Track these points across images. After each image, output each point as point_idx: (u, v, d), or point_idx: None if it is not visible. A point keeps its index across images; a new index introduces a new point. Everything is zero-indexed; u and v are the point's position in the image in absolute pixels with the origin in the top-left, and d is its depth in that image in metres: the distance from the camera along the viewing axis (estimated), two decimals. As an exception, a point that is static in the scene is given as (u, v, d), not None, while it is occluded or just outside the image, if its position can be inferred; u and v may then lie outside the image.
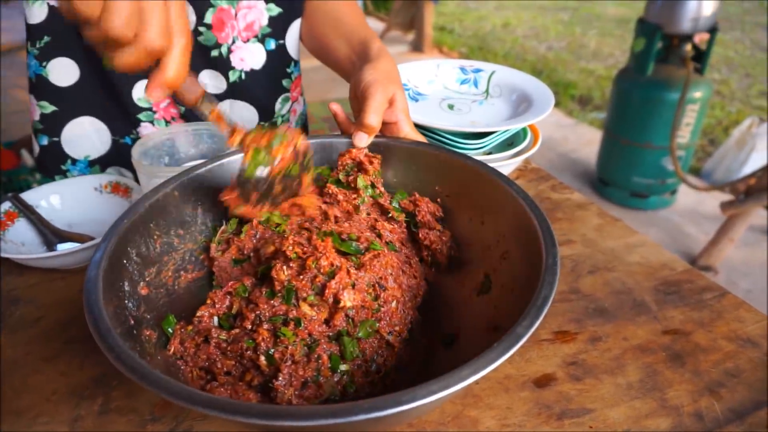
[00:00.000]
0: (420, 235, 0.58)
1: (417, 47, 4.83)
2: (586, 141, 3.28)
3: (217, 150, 0.81)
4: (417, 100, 0.89)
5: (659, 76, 2.27)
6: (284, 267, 0.47)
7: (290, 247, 0.48)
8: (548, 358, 0.56)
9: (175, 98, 0.53)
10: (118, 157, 0.89)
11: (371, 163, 0.60)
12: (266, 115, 0.92)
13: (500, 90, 0.91)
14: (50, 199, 0.77)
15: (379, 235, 0.55)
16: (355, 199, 0.59)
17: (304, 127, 1.05)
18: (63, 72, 0.81)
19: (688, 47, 2.18)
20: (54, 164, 0.88)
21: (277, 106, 0.93)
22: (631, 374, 0.55)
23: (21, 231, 0.73)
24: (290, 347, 0.44)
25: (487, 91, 0.93)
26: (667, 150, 2.28)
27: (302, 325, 0.45)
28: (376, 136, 0.62)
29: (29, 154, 2.37)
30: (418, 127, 0.78)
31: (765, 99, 3.71)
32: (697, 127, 2.31)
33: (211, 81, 0.86)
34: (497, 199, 0.54)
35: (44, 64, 0.81)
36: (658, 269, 0.69)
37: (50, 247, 0.72)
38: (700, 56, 2.21)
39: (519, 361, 0.56)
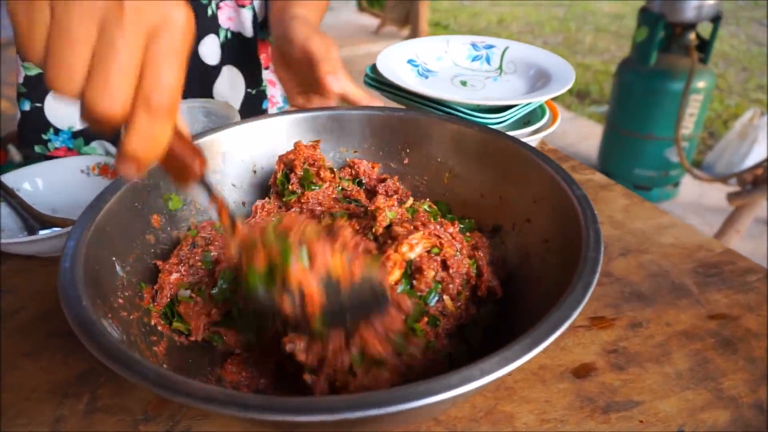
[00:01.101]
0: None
1: (412, 43, 4.77)
2: (585, 134, 3.24)
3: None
4: (427, 77, 0.84)
5: (662, 65, 2.23)
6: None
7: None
8: (586, 346, 0.51)
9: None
10: None
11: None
12: (250, 82, 0.88)
13: (515, 66, 0.86)
14: (33, 182, 0.70)
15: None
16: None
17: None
18: None
19: (692, 36, 2.14)
20: (34, 133, 0.82)
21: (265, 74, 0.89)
22: (679, 362, 0.49)
23: (2, 216, 0.66)
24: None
25: (500, 67, 0.87)
26: (671, 141, 2.24)
27: None
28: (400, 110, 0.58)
29: (17, 150, 2.29)
30: (432, 100, 0.72)
31: (763, 92, 3.69)
32: (701, 117, 2.28)
33: (210, 49, 0.80)
34: (526, 171, 0.49)
35: None
36: (695, 251, 0.63)
37: (32, 233, 0.66)
38: (703, 45, 2.17)
39: (554, 350, 0.51)
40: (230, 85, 0.85)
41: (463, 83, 0.83)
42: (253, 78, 0.88)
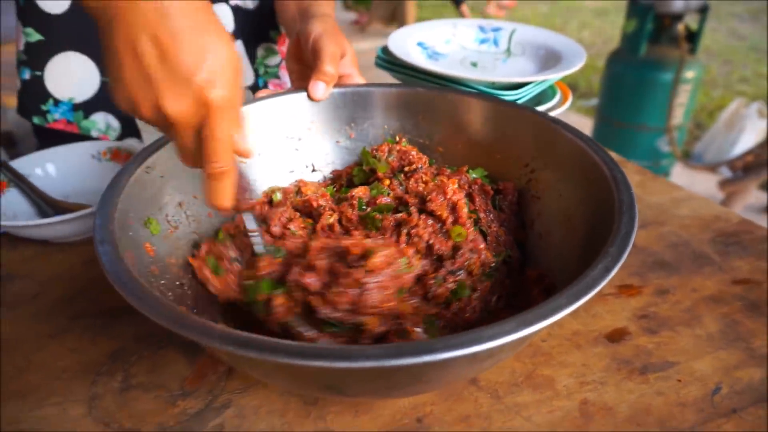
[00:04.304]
0: None
1: (400, 40, 4.78)
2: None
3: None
4: (437, 59, 0.84)
5: (651, 56, 2.25)
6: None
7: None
8: (616, 313, 0.51)
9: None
10: (107, 101, 0.80)
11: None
12: (251, 60, 0.86)
13: (523, 48, 0.86)
14: (44, 167, 0.69)
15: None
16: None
17: None
18: None
19: (681, 27, 2.17)
20: (34, 103, 0.79)
21: (259, 52, 0.87)
22: (710, 325, 0.50)
23: (12, 202, 0.65)
24: None
25: (508, 49, 0.88)
26: (661, 131, 2.27)
27: None
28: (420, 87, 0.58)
29: (4, 150, 2.25)
30: (447, 79, 0.72)
31: (746, 84, 3.77)
32: (690, 107, 2.31)
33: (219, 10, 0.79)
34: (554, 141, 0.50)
35: None
36: (712, 221, 0.64)
37: (45, 218, 0.64)
38: (692, 36, 2.21)
39: (585, 317, 0.51)
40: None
41: (474, 64, 0.83)
42: (252, 58, 0.87)
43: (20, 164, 0.68)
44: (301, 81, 0.69)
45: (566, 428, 0.41)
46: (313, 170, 0.62)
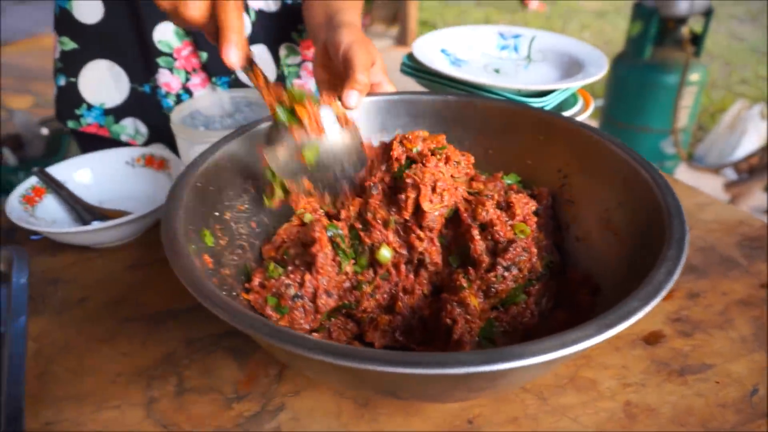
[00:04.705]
0: None
1: (401, 42, 4.79)
2: (577, 129, 3.29)
3: (255, 119, 0.76)
4: (460, 66, 0.85)
5: (656, 59, 2.28)
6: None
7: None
8: (651, 316, 0.53)
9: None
10: (136, 107, 0.83)
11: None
12: (276, 62, 0.88)
13: (543, 55, 0.88)
14: (79, 173, 0.70)
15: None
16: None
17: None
18: (87, 8, 0.77)
19: (686, 30, 2.19)
20: (68, 108, 0.83)
21: (282, 51, 0.88)
22: (742, 328, 0.52)
23: (50, 208, 0.66)
24: None
25: (529, 56, 0.89)
26: (666, 133, 2.29)
27: None
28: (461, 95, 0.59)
29: (12, 153, 2.25)
30: (473, 86, 0.74)
31: (746, 86, 3.80)
32: (694, 110, 2.33)
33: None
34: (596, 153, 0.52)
35: None
36: (736, 226, 0.66)
37: (84, 224, 0.65)
38: (696, 39, 2.23)
39: (621, 321, 0.52)
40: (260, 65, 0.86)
41: (497, 71, 0.85)
42: (277, 59, 0.88)
43: (56, 171, 0.69)
44: (330, 90, 0.71)
45: (613, 428, 0.42)
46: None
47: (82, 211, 0.66)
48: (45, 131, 2.26)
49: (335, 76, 0.69)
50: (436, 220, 0.46)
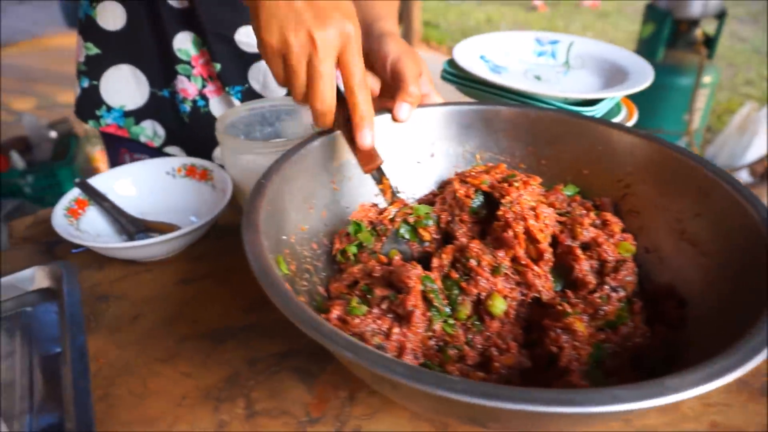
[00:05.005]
0: None
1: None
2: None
3: (294, 127, 0.75)
4: (499, 72, 0.84)
5: (669, 61, 2.27)
6: None
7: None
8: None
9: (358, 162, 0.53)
10: (155, 110, 0.85)
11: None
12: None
13: (582, 61, 0.87)
14: (120, 184, 0.69)
15: None
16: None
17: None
18: (110, 16, 0.79)
19: (699, 32, 2.19)
20: (89, 109, 0.84)
21: None
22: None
23: (93, 220, 0.64)
24: None
25: (567, 62, 0.88)
26: (679, 135, 2.29)
27: None
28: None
29: (20, 156, 2.23)
30: (518, 94, 0.73)
31: (751, 87, 3.81)
32: (706, 111, 2.33)
33: (246, 38, 0.80)
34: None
35: (94, 5, 0.79)
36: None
37: (129, 237, 0.64)
38: (709, 41, 2.23)
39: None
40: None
41: (537, 78, 0.84)
42: None
43: (96, 182, 0.67)
44: (377, 103, 0.69)
45: (702, 452, 0.41)
46: (397, 192, 0.62)
47: (126, 223, 0.64)
48: (53, 134, 2.24)
49: (379, 88, 0.68)
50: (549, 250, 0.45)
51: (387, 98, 0.68)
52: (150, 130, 0.86)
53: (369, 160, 0.52)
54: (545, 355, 0.42)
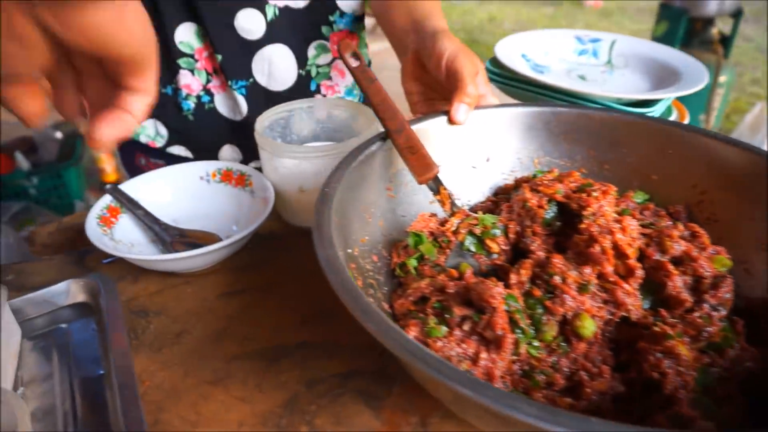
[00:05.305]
0: None
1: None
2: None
3: (333, 130, 0.71)
4: (542, 72, 0.81)
5: (683, 60, 2.25)
6: None
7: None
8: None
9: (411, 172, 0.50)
10: (156, 108, 0.80)
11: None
12: (300, 62, 0.83)
13: (625, 60, 0.84)
14: (151, 190, 0.65)
15: None
16: None
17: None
18: None
19: (715, 31, 2.17)
20: None
21: (310, 51, 0.83)
22: None
23: (126, 228, 0.61)
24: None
25: (609, 61, 0.85)
26: (693, 135, 2.27)
27: None
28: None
29: (24, 157, 2.18)
30: (570, 95, 0.69)
31: (758, 86, 3.79)
32: (721, 111, 2.31)
33: (246, 24, 0.76)
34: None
35: None
36: None
37: (164, 246, 0.60)
38: (724, 40, 2.20)
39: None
40: (280, 64, 0.81)
41: (582, 77, 0.80)
42: (303, 58, 0.83)
43: (127, 188, 0.63)
44: (424, 103, 0.66)
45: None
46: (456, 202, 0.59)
47: (160, 231, 0.61)
48: (58, 135, 2.19)
49: (429, 87, 0.65)
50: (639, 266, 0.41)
51: (437, 99, 0.65)
52: (151, 130, 0.83)
53: (424, 170, 0.49)
54: (640, 380, 0.39)
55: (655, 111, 0.68)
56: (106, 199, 0.61)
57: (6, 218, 1.92)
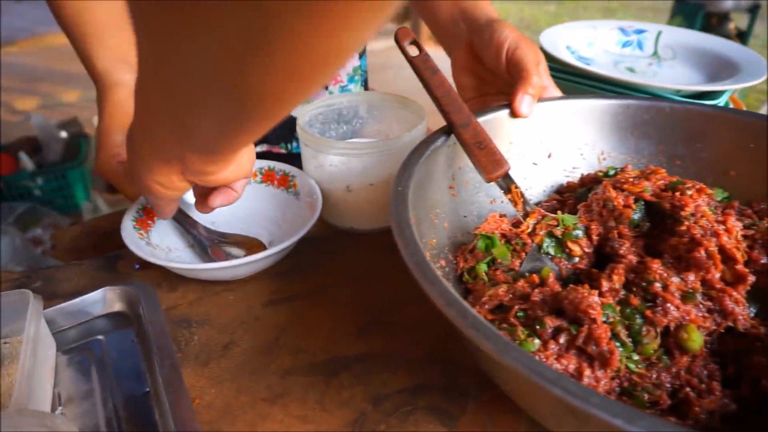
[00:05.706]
0: None
1: (411, 40, 4.71)
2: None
3: (373, 125, 0.67)
4: (588, 63, 0.77)
5: (699, 56, 2.22)
6: None
7: None
8: None
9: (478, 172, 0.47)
10: None
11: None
12: None
13: (673, 52, 0.80)
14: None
15: None
16: None
17: (365, 86, 0.91)
18: None
19: (732, 26, 2.13)
20: None
21: None
22: None
23: (162, 232, 0.57)
24: None
25: (656, 53, 0.81)
26: (709, 132, 2.23)
27: None
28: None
29: (28, 158, 2.13)
30: (624, 86, 0.66)
31: (763, 83, 3.76)
32: (737, 107, 2.28)
33: None
34: None
35: None
36: None
37: (203, 251, 0.56)
38: (741, 35, 2.17)
39: None
40: None
41: (630, 70, 0.77)
42: None
43: (160, 187, 0.59)
44: (479, 97, 0.62)
45: None
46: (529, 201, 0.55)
47: (199, 235, 0.57)
48: (63, 134, 2.15)
49: (484, 81, 0.61)
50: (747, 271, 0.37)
51: (492, 93, 0.61)
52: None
53: (494, 166, 0.45)
54: (756, 397, 0.35)
55: (720, 103, 0.64)
56: (142, 200, 0.56)
57: (11, 219, 1.87)
